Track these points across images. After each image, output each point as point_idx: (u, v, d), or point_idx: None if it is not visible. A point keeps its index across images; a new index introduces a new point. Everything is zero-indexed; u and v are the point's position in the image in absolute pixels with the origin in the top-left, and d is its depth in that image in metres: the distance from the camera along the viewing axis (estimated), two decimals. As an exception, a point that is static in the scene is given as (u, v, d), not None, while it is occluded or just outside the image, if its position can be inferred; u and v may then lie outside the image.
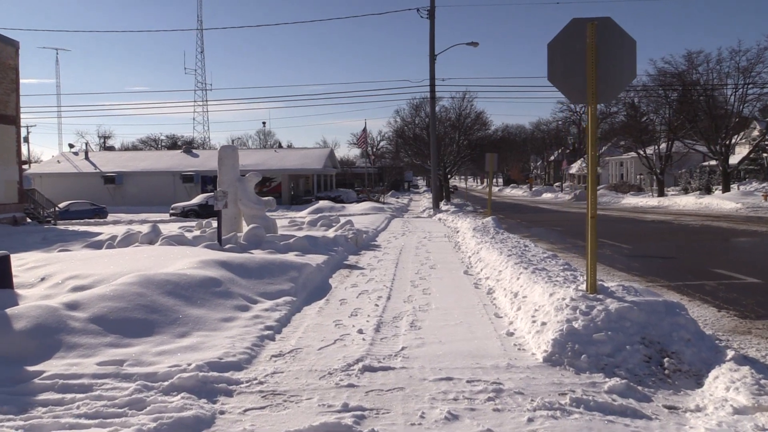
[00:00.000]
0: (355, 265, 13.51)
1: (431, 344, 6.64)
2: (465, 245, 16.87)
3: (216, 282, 8.15)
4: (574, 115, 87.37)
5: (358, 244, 17.12)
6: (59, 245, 16.37)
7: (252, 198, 16.99)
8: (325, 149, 69.48)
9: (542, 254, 12.23)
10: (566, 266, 10.50)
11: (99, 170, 59.72)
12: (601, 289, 7.17)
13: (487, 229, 18.89)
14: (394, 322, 7.77)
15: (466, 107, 61.53)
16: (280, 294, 8.81)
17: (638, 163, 70.15)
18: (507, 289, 9.29)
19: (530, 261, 10.99)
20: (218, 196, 13.14)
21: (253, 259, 9.77)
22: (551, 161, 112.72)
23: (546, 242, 19.94)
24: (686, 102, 49.42)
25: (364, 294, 9.77)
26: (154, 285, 7.37)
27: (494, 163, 22.57)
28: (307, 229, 20.43)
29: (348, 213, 35.89)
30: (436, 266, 13.23)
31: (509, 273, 10.08)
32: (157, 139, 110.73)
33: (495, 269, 11.25)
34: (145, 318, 6.59)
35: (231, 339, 6.43)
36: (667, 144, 55.17)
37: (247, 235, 14.12)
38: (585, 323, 6.38)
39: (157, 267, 9.02)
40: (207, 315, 7.12)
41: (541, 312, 7.12)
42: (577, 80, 7.05)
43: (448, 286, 10.66)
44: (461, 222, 24.25)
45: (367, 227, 21.69)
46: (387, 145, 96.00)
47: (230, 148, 17.80)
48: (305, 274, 10.26)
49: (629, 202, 51.91)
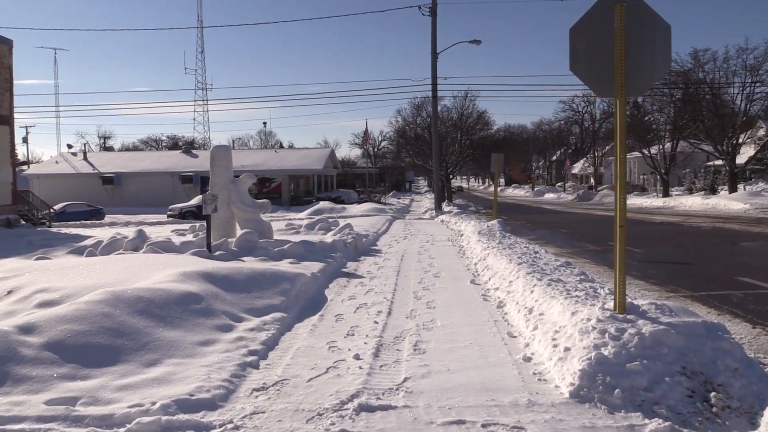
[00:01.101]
0: (353, 273, 12.64)
1: (438, 373, 5.77)
2: (470, 250, 16.00)
3: (196, 298, 7.29)
4: (577, 115, 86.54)
5: (358, 249, 16.26)
6: (42, 251, 15.54)
7: (246, 200, 16.12)
8: (326, 149, 68.61)
9: (555, 262, 11.36)
10: (582, 276, 9.62)
11: (97, 171, 58.93)
12: (631, 309, 6.30)
13: (492, 232, 18.01)
14: (396, 343, 6.90)
15: (468, 106, 60.73)
16: (269, 309, 7.94)
17: (641, 163, 69.22)
18: (520, 303, 8.42)
19: (543, 270, 10.12)
20: (207, 200, 12.27)
21: (241, 270, 8.89)
22: (553, 161, 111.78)
23: (553, 246, 19.08)
24: (692, 101, 48.52)
25: (363, 308, 8.90)
26: (123, 303, 6.51)
27: (500, 164, 21.65)
28: (304, 232, 19.56)
29: (348, 214, 35.06)
30: (440, 274, 12.37)
31: (521, 284, 9.21)
32: (158, 140, 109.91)
33: (505, 279, 10.38)
34: (109, 343, 5.73)
35: (207, 368, 5.57)
36: (672, 143, 54.30)
37: (238, 240, 13.26)
38: (616, 350, 5.51)
39: (134, 279, 8.17)
40: (182, 338, 6.25)
41: (562, 334, 6.26)
42: (603, 70, 6.18)
43: (454, 298, 9.80)
44: (465, 225, 23.36)
45: (367, 230, 20.83)
46: (388, 145, 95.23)
47: (223, 148, 16.93)
48: (298, 285, 9.40)
49: (634, 203, 50.98)
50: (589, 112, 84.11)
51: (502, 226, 19.42)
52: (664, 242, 19.68)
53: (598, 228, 26.48)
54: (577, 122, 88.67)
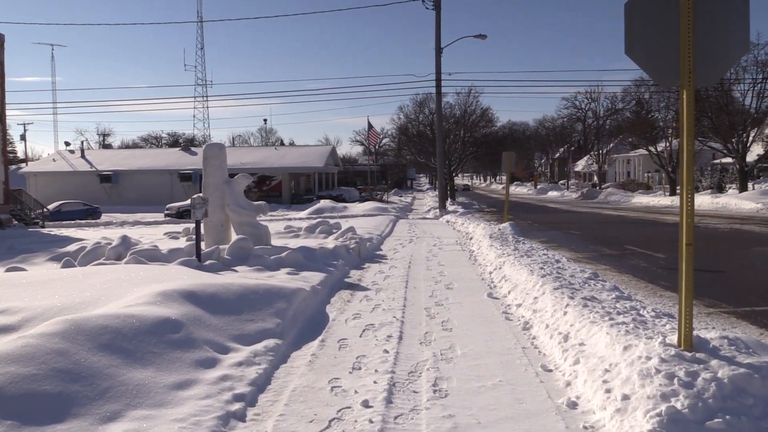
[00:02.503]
0: (357, 284, 11.53)
1: (466, 428, 4.66)
2: (482, 256, 14.88)
3: (174, 325, 6.17)
4: (580, 112, 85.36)
5: (362, 255, 15.15)
6: (21, 257, 14.42)
7: (241, 202, 14.99)
8: (327, 147, 67.37)
9: (581, 274, 10.23)
10: (618, 293, 8.49)
11: (95, 169, 57.80)
12: (699, 344, 5.19)
13: (504, 236, 16.89)
14: (411, 381, 5.78)
15: (472, 103, 59.50)
16: (262, 335, 6.83)
17: (646, 161, 68.08)
18: (551, 326, 7.30)
19: (571, 284, 9.00)
20: (196, 204, 11.13)
21: (230, 288, 7.77)
22: (556, 159, 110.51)
23: (567, 249, 17.98)
24: (700, 98, 47.39)
25: (370, 330, 7.79)
26: (84, 336, 5.39)
27: (512, 163, 20.51)
28: (304, 236, 18.44)
29: (350, 214, 33.96)
30: (452, 285, 11.25)
31: (549, 302, 8.10)
32: (159, 137, 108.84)
33: (527, 293, 9.26)
34: (60, 391, 4.62)
35: (180, 424, 4.46)
36: (679, 141, 53.12)
37: (231, 248, 12.13)
38: (691, 402, 4.40)
39: (106, 300, 7.06)
40: (153, 379, 5.14)
41: (614, 374, 5.15)
42: (665, 54, 5.07)
43: (471, 316, 8.68)
44: (473, 226, 22.24)
45: (370, 233, 19.72)
46: (390, 143, 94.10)
47: (216, 146, 15.81)
48: (296, 303, 8.28)
49: (640, 201, 49.88)
50: (592, 109, 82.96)
51: (514, 229, 18.28)
52: (685, 246, 18.56)
53: (609, 229, 25.34)
54: (580, 119, 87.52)
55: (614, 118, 76.27)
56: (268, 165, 55.63)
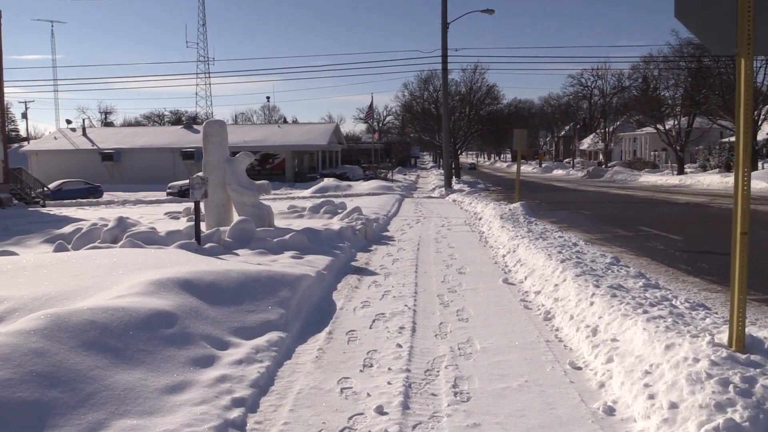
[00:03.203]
0: (365, 268, 10.99)
1: (495, 440, 4.14)
2: (493, 238, 14.32)
3: (168, 318, 5.64)
4: (585, 90, 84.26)
5: (368, 236, 14.60)
6: (16, 239, 13.91)
7: (243, 182, 14.42)
8: (330, 124, 66.51)
9: (602, 258, 9.66)
10: (645, 281, 7.93)
11: (97, 147, 57.10)
12: (752, 344, 4.65)
13: (516, 217, 16.32)
14: (429, 381, 5.26)
15: (478, 80, 58.57)
16: (264, 328, 6.30)
17: (653, 139, 67.16)
18: (576, 317, 6.76)
19: (593, 270, 8.45)
20: (195, 183, 10.55)
21: (230, 275, 7.23)
22: (561, 137, 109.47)
23: (579, 230, 17.42)
24: (711, 74, 46.46)
25: (380, 321, 7.25)
26: (67, 333, 4.87)
27: (523, 141, 19.84)
28: (308, 216, 17.88)
29: (354, 192, 33.38)
30: (465, 270, 10.71)
31: (572, 291, 7.55)
32: (161, 115, 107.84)
33: (546, 280, 8.72)
34: (36, 399, 4.10)
35: (171, 437, 3.94)
36: (688, 118, 52.29)
37: (233, 230, 11.58)
38: (751, 414, 3.86)
39: (96, 288, 6.53)
40: (143, 382, 4.62)
41: (658, 378, 4.61)
42: (721, 18, 4.46)
43: (487, 304, 8.15)
44: (481, 206, 21.65)
45: (376, 213, 19.16)
46: (393, 120, 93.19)
47: (217, 123, 15.19)
48: (301, 290, 7.75)
49: (647, 180, 49.08)
50: (598, 87, 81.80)
51: (525, 210, 17.69)
52: (701, 227, 17.99)
53: (620, 209, 24.74)
54: (585, 97, 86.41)
55: (621, 95, 75.18)
56: (271, 143, 54.88)
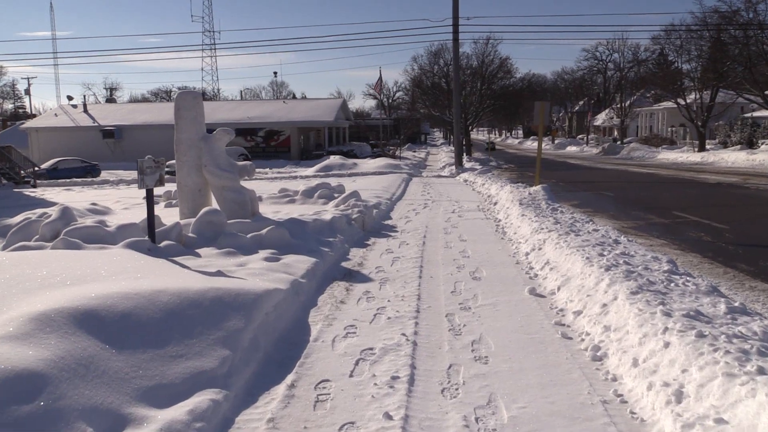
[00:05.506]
0: (358, 271, 8.94)
1: None
2: (512, 229, 12.24)
3: (32, 385, 3.64)
4: (600, 64, 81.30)
5: (366, 227, 12.56)
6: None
7: (221, 163, 12.37)
8: (337, 100, 64.09)
9: (655, 263, 7.56)
10: (726, 302, 5.85)
11: (97, 124, 55.13)
12: None
13: (537, 203, 14.20)
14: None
15: (490, 53, 55.95)
16: (194, 386, 4.31)
17: (670, 115, 64.32)
18: (643, 366, 4.71)
19: (651, 283, 6.37)
20: (146, 167, 8.49)
21: (158, 298, 5.20)
22: (574, 112, 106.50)
23: (606, 216, 15.35)
24: (738, 45, 43.78)
25: (366, 362, 5.22)
26: None
27: (545, 114, 17.63)
28: (300, 201, 15.82)
29: (360, 171, 31.30)
30: (480, 273, 8.67)
31: (631, 318, 5.48)
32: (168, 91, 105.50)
33: (588, 295, 6.66)
34: None
35: None
36: (711, 92, 49.66)
37: (198, 223, 9.55)
38: None
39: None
40: None
41: None
42: None
43: (512, 329, 6.11)
44: (495, 187, 19.53)
45: (379, 196, 17.11)
46: (403, 96, 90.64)
47: (191, 95, 13.12)
48: (261, 315, 5.73)
49: (667, 158, 46.59)
50: (613, 61, 78.86)
51: (548, 194, 15.55)
52: (744, 212, 15.82)
53: (645, 190, 22.52)
54: (600, 71, 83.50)
55: (636, 70, 72.31)
56: (276, 119, 52.69)
